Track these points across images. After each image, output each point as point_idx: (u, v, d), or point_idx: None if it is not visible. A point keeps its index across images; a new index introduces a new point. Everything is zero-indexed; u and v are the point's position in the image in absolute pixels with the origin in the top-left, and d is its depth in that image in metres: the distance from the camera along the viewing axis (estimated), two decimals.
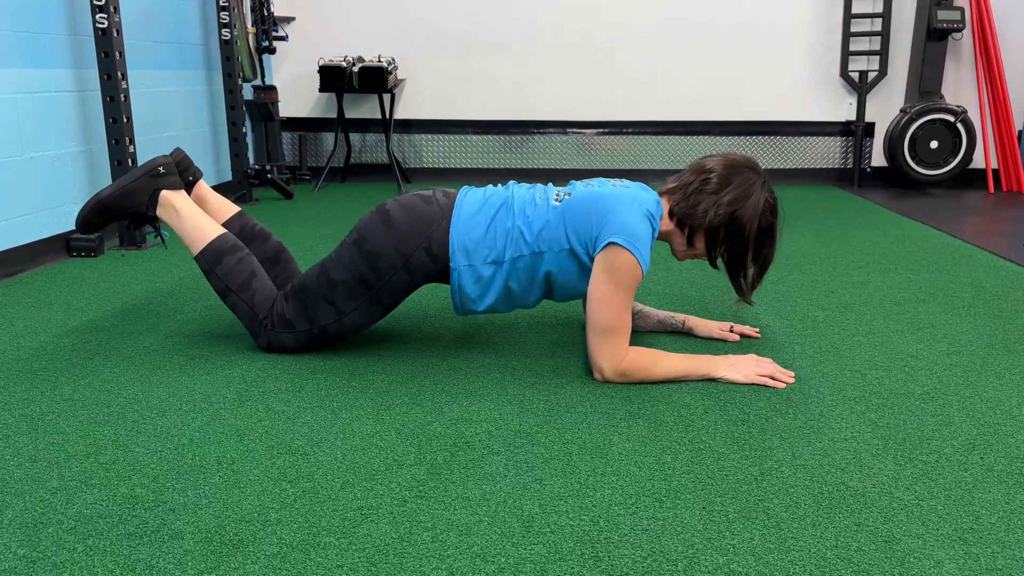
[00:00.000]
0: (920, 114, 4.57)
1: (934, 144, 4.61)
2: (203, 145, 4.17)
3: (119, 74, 3.02)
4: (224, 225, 2.08)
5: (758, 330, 2.13)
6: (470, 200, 1.87)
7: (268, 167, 4.32)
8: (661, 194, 1.88)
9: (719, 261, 1.87)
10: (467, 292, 1.86)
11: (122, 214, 1.98)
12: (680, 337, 2.11)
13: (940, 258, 3.01)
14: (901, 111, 4.66)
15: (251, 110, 4.56)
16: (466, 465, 1.41)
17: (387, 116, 4.79)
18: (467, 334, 2.13)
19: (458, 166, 5.07)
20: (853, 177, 4.92)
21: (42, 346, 2.02)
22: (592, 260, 1.77)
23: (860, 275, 2.76)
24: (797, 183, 5.02)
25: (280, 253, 2.10)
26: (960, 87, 4.82)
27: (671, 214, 1.84)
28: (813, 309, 2.36)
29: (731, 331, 2.09)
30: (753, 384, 1.76)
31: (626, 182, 1.88)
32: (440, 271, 1.86)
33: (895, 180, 4.92)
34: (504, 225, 1.82)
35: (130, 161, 3.09)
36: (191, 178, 2.09)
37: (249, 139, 4.65)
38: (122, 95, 3.04)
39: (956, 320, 2.25)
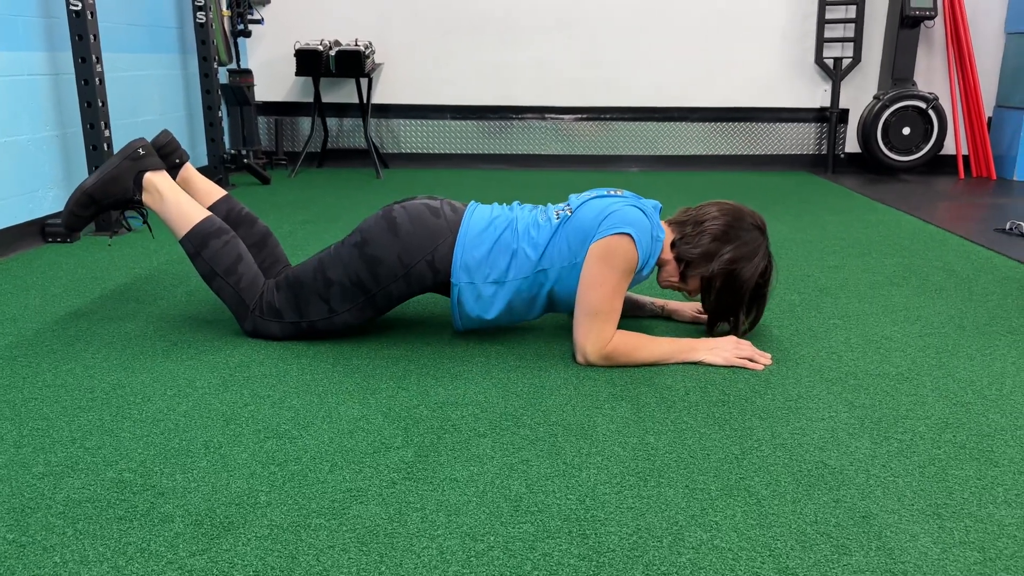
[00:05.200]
0: (893, 101, 4.63)
1: (906, 130, 4.68)
2: (179, 130, 4.12)
3: (94, 57, 2.97)
4: (211, 209, 2.06)
5: None
6: (477, 218, 1.88)
7: (244, 152, 4.29)
8: (667, 223, 1.91)
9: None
10: (467, 309, 1.88)
11: (108, 203, 1.94)
12: (660, 321, 2.13)
13: (913, 242, 3.06)
14: (874, 98, 4.72)
15: (227, 94, 4.51)
16: (453, 447, 1.43)
17: (365, 101, 4.77)
18: (451, 319, 2.14)
19: (436, 151, 5.06)
20: (827, 163, 4.98)
21: (21, 332, 2.00)
22: None
23: (835, 259, 2.80)
24: (772, 169, 5.07)
25: (267, 238, 2.09)
26: (932, 74, 4.89)
27: (673, 245, 1.88)
28: (789, 293, 2.40)
29: None
30: (733, 366, 1.80)
31: (625, 192, 1.89)
32: (439, 284, 1.88)
33: (868, 166, 4.99)
34: (509, 247, 1.84)
35: (105, 146, 3.05)
36: (177, 160, 2.07)
37: (225, 123, 4.60)
38: (97, 79, 3.00)
39: (929, 303, 2.30)
